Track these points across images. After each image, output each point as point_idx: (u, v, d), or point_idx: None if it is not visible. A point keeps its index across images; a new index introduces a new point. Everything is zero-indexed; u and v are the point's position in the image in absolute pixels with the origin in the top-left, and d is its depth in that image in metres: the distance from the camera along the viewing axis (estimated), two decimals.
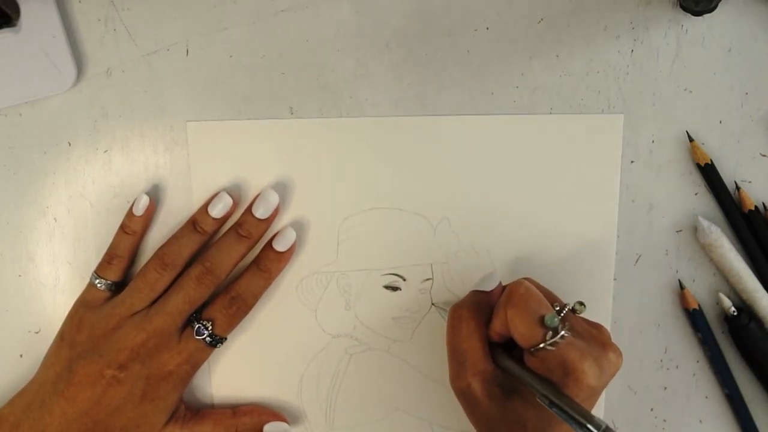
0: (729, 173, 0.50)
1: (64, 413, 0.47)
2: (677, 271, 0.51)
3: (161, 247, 0.49)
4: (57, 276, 0.50)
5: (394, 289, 0.51)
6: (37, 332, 0.50)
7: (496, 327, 0.45)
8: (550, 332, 0.42)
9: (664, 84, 0.50)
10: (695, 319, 0.50)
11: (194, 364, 0.48)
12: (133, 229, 0.49)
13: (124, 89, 0.49)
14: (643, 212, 0.51)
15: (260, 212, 0.49)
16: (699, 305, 0.50)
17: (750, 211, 0.50)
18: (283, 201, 0.50)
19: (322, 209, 0.50)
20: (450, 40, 0.49)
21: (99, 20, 0.48)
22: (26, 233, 0.50)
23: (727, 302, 0.50)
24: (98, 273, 0.49)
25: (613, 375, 0.44)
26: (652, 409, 0.52)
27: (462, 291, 0.50)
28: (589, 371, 0.41)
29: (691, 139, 0.50)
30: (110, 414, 0.47)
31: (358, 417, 0.52)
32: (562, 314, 0.44)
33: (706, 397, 0.51)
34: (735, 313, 0.50)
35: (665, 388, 0.50)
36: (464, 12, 0.49)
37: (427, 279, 0.51)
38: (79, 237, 0.50)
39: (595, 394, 0.43)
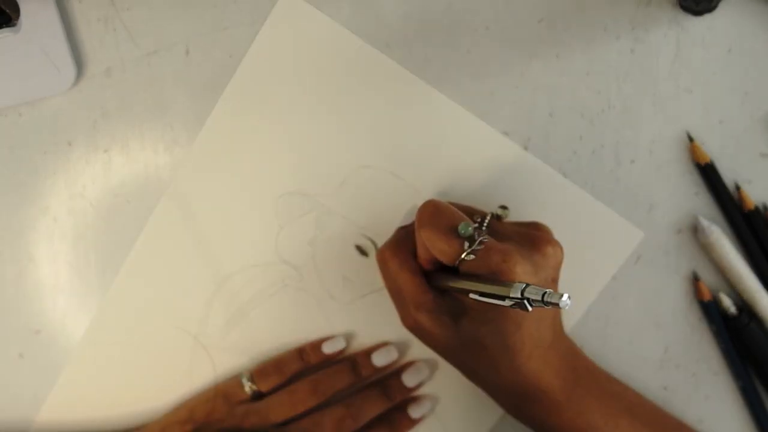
0: (729, 173, 0.50)
1: None
2: (677, 271, 0.51)
3: (316, 375, 0.48)
4: (57, 276, 0.50)
5: (362, 252, 0.50)
6: (37, 332, 0.50)
7: (421, 254, 0.44)
8: (467, 242, 0.41)
9: (664, 84, 0.50)
10: (709, 310, 0.50)
11: None
12: (310, 360, 0.49)
13: (124, 89, 0.49)
14: (643, 212, 0.51)
15: (409, 381, 0.49)
16: (714, 296, 0.50)
17: (750, 211, 0.50)
18: (312, 114, 0.49)
19: (348, 146, 0.49)
20: (450, 40, 0.49)
21: (99, 20, 0.48)
22: (26, 233, 0.50)
23: (727, 302, 0.50)
24: (253, 377, 0.49)
25: (554, 268, 0.42)
26: None
27: None
28: (518, 270, 0.40)
29: (691, 139, 0.50)
30: None
31: (249, 343, 0.50)
32: (485, 223, 0.43)
33: (706, 397, 0.51)
34: (735, 313, 0.50)
35: (665, 388, 0.50)
36: (464, 12, 0.49)
37: None
38: (79, 237, 0.50)
39: None
